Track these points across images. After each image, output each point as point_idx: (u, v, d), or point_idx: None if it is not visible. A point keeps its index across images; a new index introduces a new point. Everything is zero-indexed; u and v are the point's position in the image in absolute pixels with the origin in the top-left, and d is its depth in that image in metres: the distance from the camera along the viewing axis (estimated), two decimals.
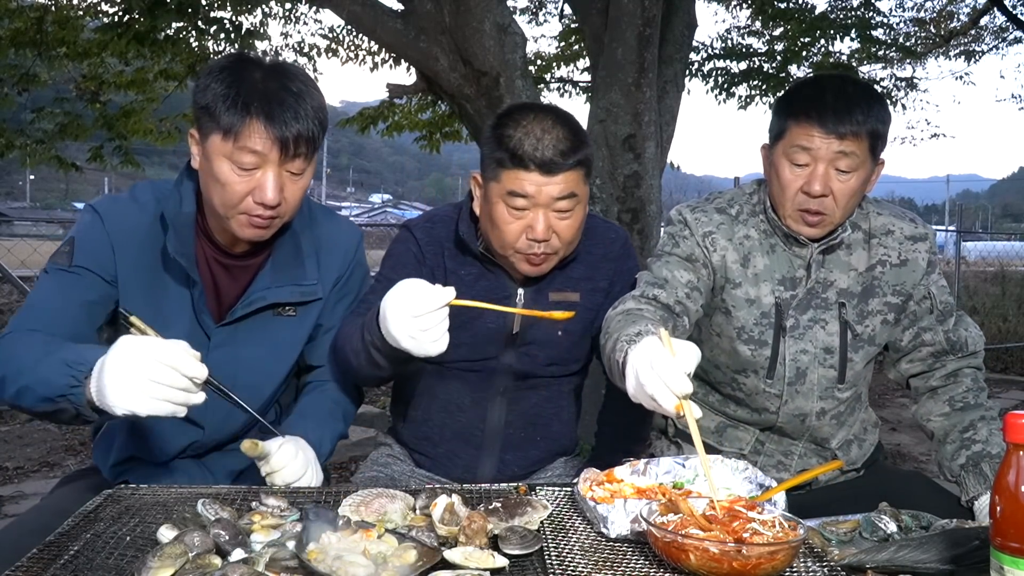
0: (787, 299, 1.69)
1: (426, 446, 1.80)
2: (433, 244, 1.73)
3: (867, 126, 1.56)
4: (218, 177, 1.46)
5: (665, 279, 1.65)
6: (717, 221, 1.71)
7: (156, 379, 1.22)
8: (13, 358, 1.39)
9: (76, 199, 53.46)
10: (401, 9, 4.12)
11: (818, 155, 1.57)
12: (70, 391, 1.28)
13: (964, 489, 1.60)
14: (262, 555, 1.07)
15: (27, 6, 6.70)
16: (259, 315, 1.61)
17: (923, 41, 9.30)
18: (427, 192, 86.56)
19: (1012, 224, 45.94)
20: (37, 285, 1.55)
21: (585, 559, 1.12)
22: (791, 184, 1.60)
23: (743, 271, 1.69)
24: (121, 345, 1.24)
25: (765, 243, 1.70)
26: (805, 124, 1.57)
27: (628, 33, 3.91)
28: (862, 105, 1.56)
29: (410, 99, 7.14)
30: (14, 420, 5.39)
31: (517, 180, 1.55)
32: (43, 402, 1.33)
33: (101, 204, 1.58)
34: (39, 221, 19.63)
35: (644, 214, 3.99)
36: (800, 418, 1.72)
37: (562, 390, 1.80)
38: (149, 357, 1.22)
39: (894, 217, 1.74)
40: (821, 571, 1.09)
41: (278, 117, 1.43)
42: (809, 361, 1.69)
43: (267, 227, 1.52)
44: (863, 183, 1.61)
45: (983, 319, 9.64)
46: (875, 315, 1.70)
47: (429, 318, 1.38)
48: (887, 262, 1.71)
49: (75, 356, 1.30)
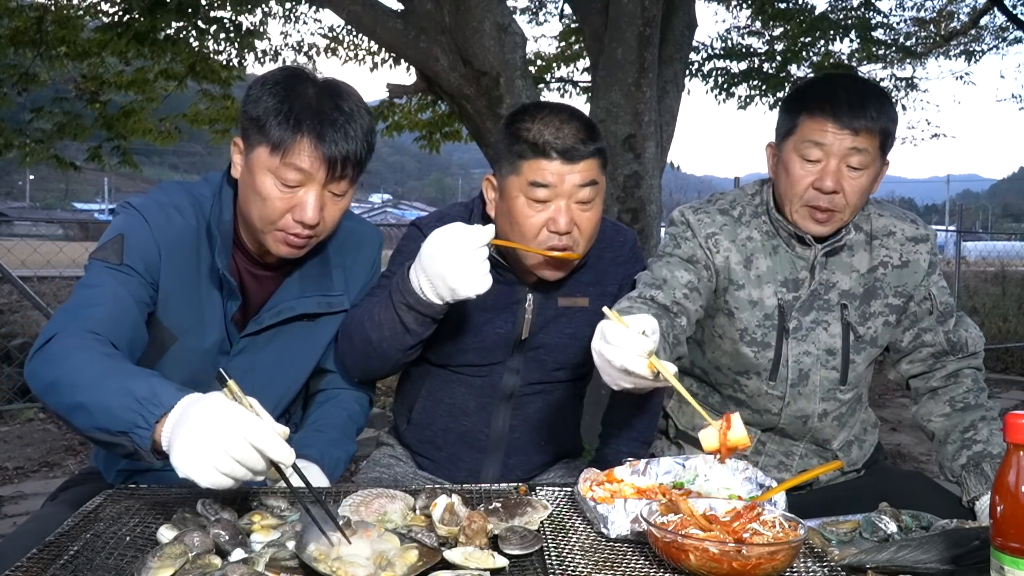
0: (790, 301, 1.68)
1: (429, 449, 1.79)
2: None
3: (880, 123, 1.55)
4: (260, 191, 1.44)
5: (664, 279, 1.64)
6: (720, 222, 1.70)
7: (235, 456, 1.08)
8: (70, 366, 1.26)
9: (76, 199, 53.46)
10: (401, 9, 4.13)
11: (831, 150, 1.55)
12: (135, 430, 1.15)
13: (965, 489, 1.59)
14: (262, 555, 1.07)
15: (27, 6, 6.70)
16: (282, 324, 1.60)
17: (923, 41, 9.30)
18: (427, 192, 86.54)
19: (1012, 224, 45.93)
20: (87, 280, 1.44)
21: (585, 559, 1.12)
22: (801, 180, 1.58)
23: (746, 273, 1.68)
24: (210, 407, 1.10)
25: (768, 244, 1.70)
26: (819, 118, 1.56)
27: (628, 33, 3.91)
28: (875, 102, 1.55)
29: (410, 99, 7.15)
30: (14, 420, 5.39)
31: (539, 169, 1.54)
32: (99, 431, 1.20)
33: (146, 209, 1.50)
34: (39, 221, 19.66)
35: (644, 214, 3.99)
36: (802, 419, 1.72)
37: (567, 395, 1.80)
38: (237, 432, 1.08)
39: (895, 218, 1.74)
40: (821, 571, 1.09)
41: (328, 136, 1.41)
42: (812, 363, 1.69)
43: (302, 247, 1.51)
44: (872, 182, 1.60)
45: (983, 319, 9.63)
46: (877, 316, 1.70)
47: (476, 254, 1.41)
48: (889, 263, 1.70)
49: (147, 392, 1.16)
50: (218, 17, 6.19)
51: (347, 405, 1.69)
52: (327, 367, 1.70)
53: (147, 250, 1.46)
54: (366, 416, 1.76)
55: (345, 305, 1.65)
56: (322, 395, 1.71)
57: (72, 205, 49.24)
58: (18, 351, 6.19)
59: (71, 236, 14.66)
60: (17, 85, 7.07)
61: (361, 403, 1.73)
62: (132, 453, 1.19)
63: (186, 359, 1.54)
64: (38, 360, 1.32)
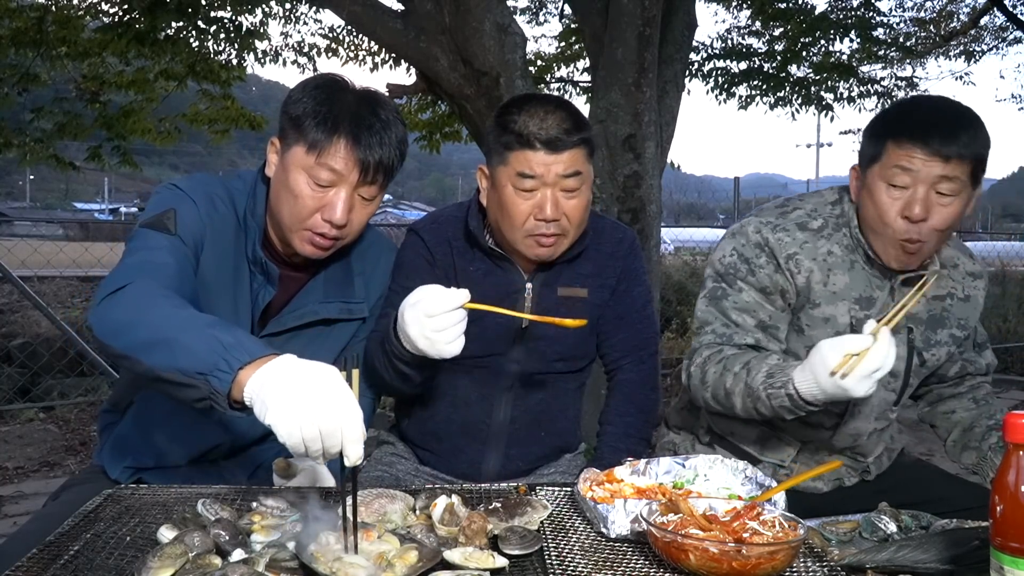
0: (862, 319, 1.60)
1: (431, 441, 1.81)
2: (441, 243, 1.75)
3: (972, 148, 1.47)
4: (292, 188, 1.48)
5: (736, 323, 1.63)
6: (800, 240, 1.63)
7: (323, 429, 1.08)
8: (150, 308, 1.24)
9: (76, 199, 53.49)
10: (401, 9, 4.12)
11: (919, 177, 1.48)
12: (216, 372, 1.13)
13: (992, 466, 1.64)
14: (262, 555, 1.07)
15: (27, 6, 6.69)
16: (301, 327, 1.62)
17: (923, 41, 9.29)
18: (427, 192, 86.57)
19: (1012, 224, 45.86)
20: (143, 244, 1.42)
21: (585, 559, 1.12)
22: (889, 209, 1.51)
23: (824, 290, 1.63)
24: (329, 377, 1.11)
25: (847, 259, 1.63)
26: (908, 146, 1.48)
27: (628, 33, 3.90)
28: (968, 128, 1.48)
29: (410, 99, 7.14)
30: (14, 420, 5.39)
31: (525, 160, 1.59)
32: (175, 371, 1.17)
33: (193, 191, 1.51)
34: (39, 221, 19.66)
35: (644, 214, 3.98)
36: (853, 437, 1.71)
37: (568, 387, 1.82)
38: (337, 411, 1.08)
39: (958, 251, 1.74)
40: (821, 571, 1.09)
41: (364, 140, 1.47)
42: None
43: (327, 248, 1.54)
44: (963, 209, 1.52)
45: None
46: (942, 345, 1.70)
47: (444, 319, 1.41)
48: (955, 295, 1.70)
49: (233, 340, 1.16)
50: (218, 17, 6.18)
51: None
52: None
53: (195, 227, 1.49)
54: (370, 420, 1.77)
55: (364, 312, 1.68)
56: None
57: (72, 205, 49.25)
58: (18, 351, 6.19)
59: (71, 236, 14.67)
60: (18, 85, 7.06)
61: (365, 410, 1.74)
62: (203, 398, 1.16)
63: None
64: (109, 304, 1.29)
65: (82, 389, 5.87)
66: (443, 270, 1.73)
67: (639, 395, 1.80)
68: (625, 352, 1.81)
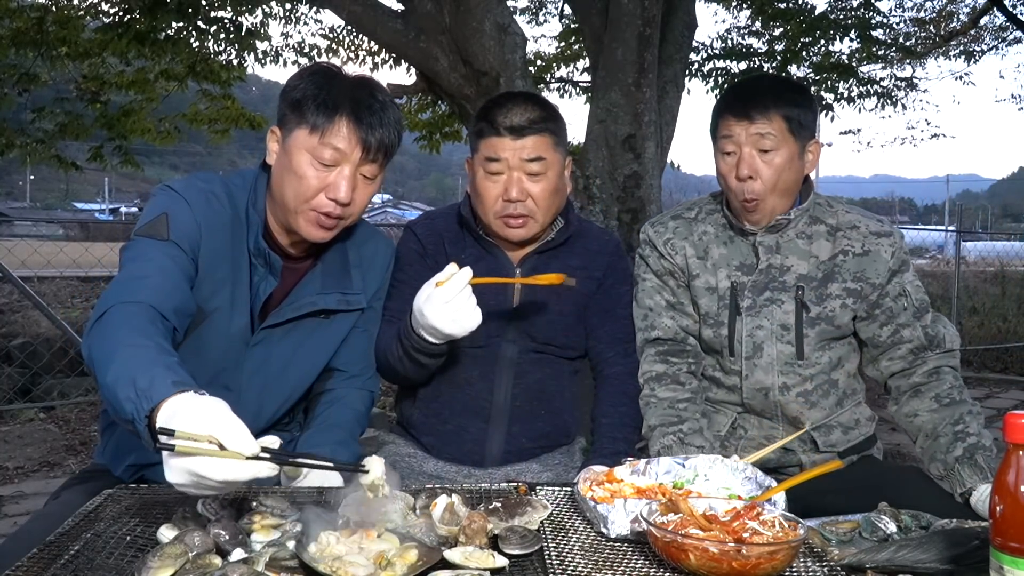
0: (743, 282, 1.80)
1: (435, 424, 1.85)
2: (433, 235, 1.89)
3: (775, 107, 1.69)
4: (296, 170, 1.52)
5: (649, 308, 1.87)
6: (673, 227, 1.88)
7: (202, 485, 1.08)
8: (111, 344, 1.26)
9: (76, 199, 53.51)
10: (401, 9, 4.13)
11: (739, 140, 1.71)
12: (137, 423, 1.14)
13: (959, 481, 1.58)
14: (262, 555, 1.07)
15: (27, 6, 6.70)
16: (300, 319, 1.64)
17: (923, 41, 9.29)
18: (427, 192, 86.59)
19: (1012, 224, 45.92)
20: (134, 255, 1.46)
21: (585, 559, 1.12)
22: (729, 174, 1.74)
23: (701, 263, 1.84)
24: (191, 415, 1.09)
25: (723, 235, 1.85)
26: (725, 116, 1.74)
27: (628, 33, 3.91)
28: (770, 93, 1.71)
29: (410, 99, 7.13)
30: (14, 420, 5.39)
31: (491, 145, 1.75)
32: (121, 420, 1.19)
33: (187, 191, 1.54)
34: (39, 221, 19.67)
35: (644, 214, 3.98)
36: (763, 392, 1.79)
37: (563, 369, 1.90)
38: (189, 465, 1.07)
39: (861, 216, 1.85)
40: (821, 571, 1.09)
41: (365, 120, 1.53)
42: (765, 336, 1.78)
43: (332, 228, 1.57)
44: (789, 161, 1.71)
45: (983, 319, 9.63)
46: (833, 298, 1.78)
47: (459, 299, 1.56)
48: (850, 251, 1.80)
49: (146, 383, 1.15)
50: (218, 17, 6.17)
51: (354, 405, 1.73)
52: (336, 366, 1.75)
53: (190, 228, 1.52)
54: (368, 417, 1.80)
55: (362, 303, 1.72)
56: (329, 395, 1.74)
57: (72, 205, 49.25)
58: (18, 351, 6.19)
59: (71, 236, 14.69)
60: (18, 85, 7.07)
61: (365, 403, 1.77)
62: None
63: (212, 343, 1.57)
64: (91, 335, 1.32)
65: (82, 389, 5.87)
66: (434, 259, 1.83)
67: (629, 385, 1.83)
68: (611, 344, 1.88)
